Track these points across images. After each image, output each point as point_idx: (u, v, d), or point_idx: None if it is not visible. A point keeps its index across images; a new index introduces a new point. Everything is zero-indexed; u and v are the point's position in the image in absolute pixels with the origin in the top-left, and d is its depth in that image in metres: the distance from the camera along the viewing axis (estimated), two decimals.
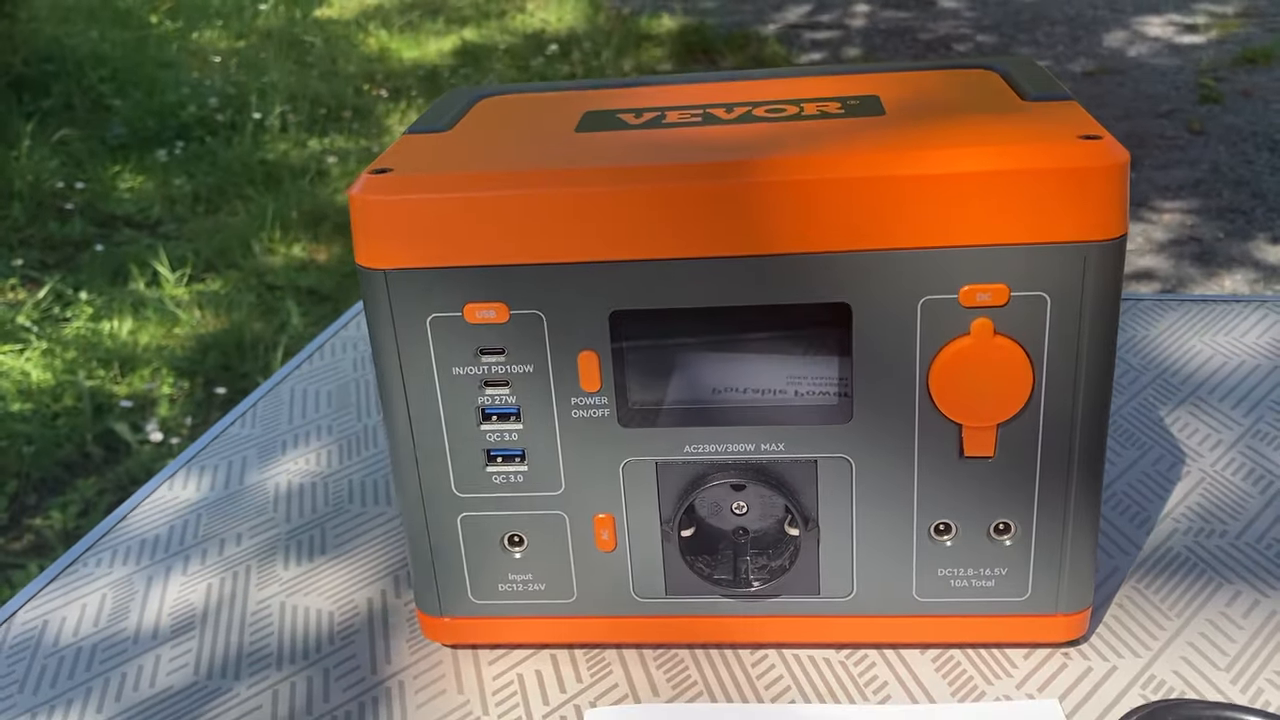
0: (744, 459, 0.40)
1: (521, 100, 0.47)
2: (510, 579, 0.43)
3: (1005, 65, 0.46)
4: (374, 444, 0.61)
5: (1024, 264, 0.36)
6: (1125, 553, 0.48)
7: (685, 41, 3.89)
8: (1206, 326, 0.67)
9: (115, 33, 3.77)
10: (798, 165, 0.36)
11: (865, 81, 0.46)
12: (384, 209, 0.38)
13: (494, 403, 0.40)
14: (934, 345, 0.38)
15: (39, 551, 1.55)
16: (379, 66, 3.66)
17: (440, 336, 0.39)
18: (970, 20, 4.04)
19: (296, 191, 2.67)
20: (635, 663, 0.44)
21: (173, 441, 1.76)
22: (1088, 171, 0.35)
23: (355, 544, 0.53)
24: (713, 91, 0.46)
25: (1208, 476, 0.53)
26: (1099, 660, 0.43)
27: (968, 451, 0.39)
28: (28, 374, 1.93)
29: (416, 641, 0.46)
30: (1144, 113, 3.03)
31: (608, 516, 0.42)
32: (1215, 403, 0.59)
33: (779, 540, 0.42)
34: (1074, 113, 0.39)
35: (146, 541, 0.54)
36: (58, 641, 0.48)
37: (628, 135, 0.41)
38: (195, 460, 0.60)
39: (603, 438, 0.40)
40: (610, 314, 0.39)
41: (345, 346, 0.71)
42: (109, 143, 2.98)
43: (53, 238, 2.50)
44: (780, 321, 0.39)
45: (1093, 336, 0.37)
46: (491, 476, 0.41)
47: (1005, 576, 0.41)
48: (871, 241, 0.37)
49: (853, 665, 0.43)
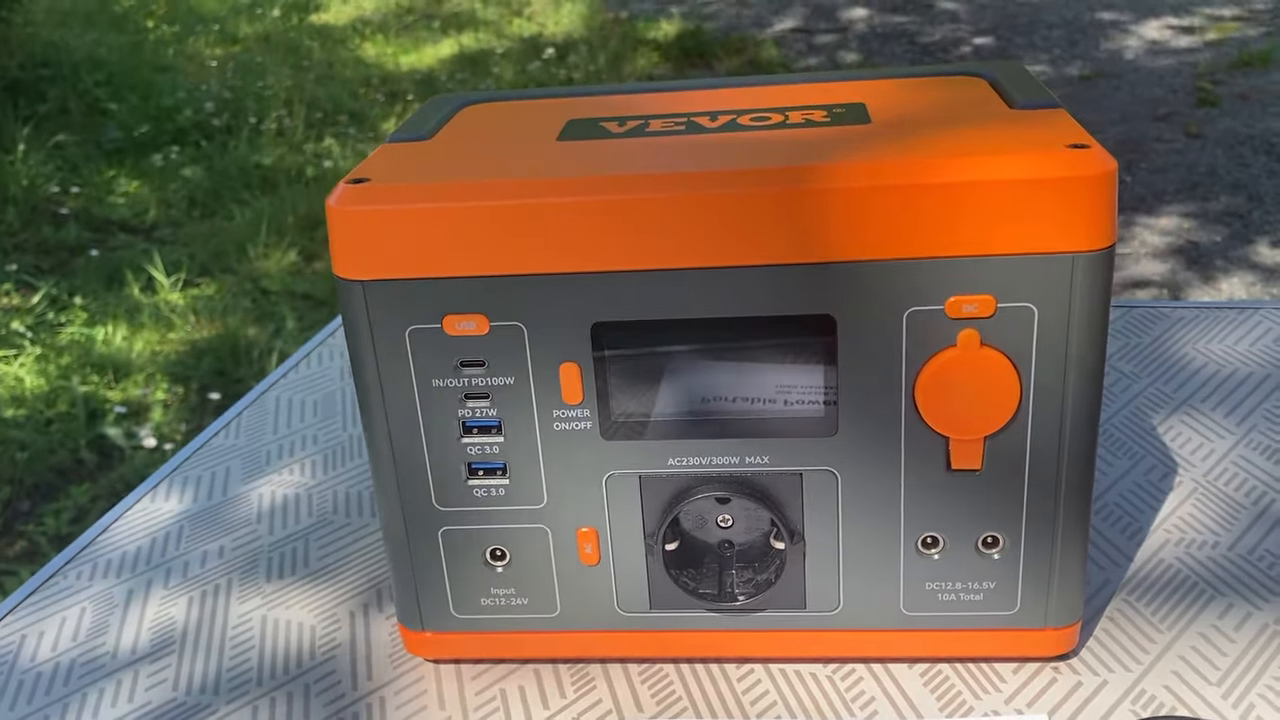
0: (729, 472, 0.40)
1: (505, 108, 0.47)
2: (493, 593, 0.42)
3: (993, 72, 0.45)
4: (359, 455, 0.60)
5: (1011, 275, 0.36)
6: (1116, 565, 0.48)
7: (682, 46, 3.88)
8: (1199, 333, 0.66)
9: (111, 37, 3.77)
10: (780, 175, 0.36)
11: (851, 89, 0.45)
12: (361, 219, 0.37)
13: (475, 415, 0.40)
14: (920, 357, 0.37)
15: (31, 558, 1.54)
16: (375, 71, 3.66)
17: (420, 348, 0.39)
18: (968, 23, 4.04)
19: (292, 196, 2.66)
20: (620, 678, 0.43)
21: (166, 447, 1.76)
22: (1075, 181, 0.35)
23: (339, 557, 0.52)
24: (698, 99, 0.46)
25: (1200, 487, 0.52)
26: (1089, 675, 0.42)
27: (955, 464, 0.39)
28: (21, 380, 1.93)
29: (399, 656, 0.45)
30: (1141, 116, 3.02)
31: (591, 530, 0.41)
32: (1208, 411, 0.59)
33: (764, 554, 0.42)
34: (1062, 121, 0.39)
35: (128, 555, 0.53)
36: (35, 656, 0.47)
37: (610, 144, 0.40)
38: (178, 471, 0.60)
39: (585, 450, 0.40)
40: (592, 325, 0.38)
41: (332, 355, 0.71)
42: (104, 147, 2.98)
43: (47, 242, 2.49)
44: (764, 333, 0.38)
45: (1081, 348, 0.37)
46: (473, 490, 0.41)
47: (994, 590, 0.41)
48: (856, 252, 0.36)
49: (839, 680, 0.43)
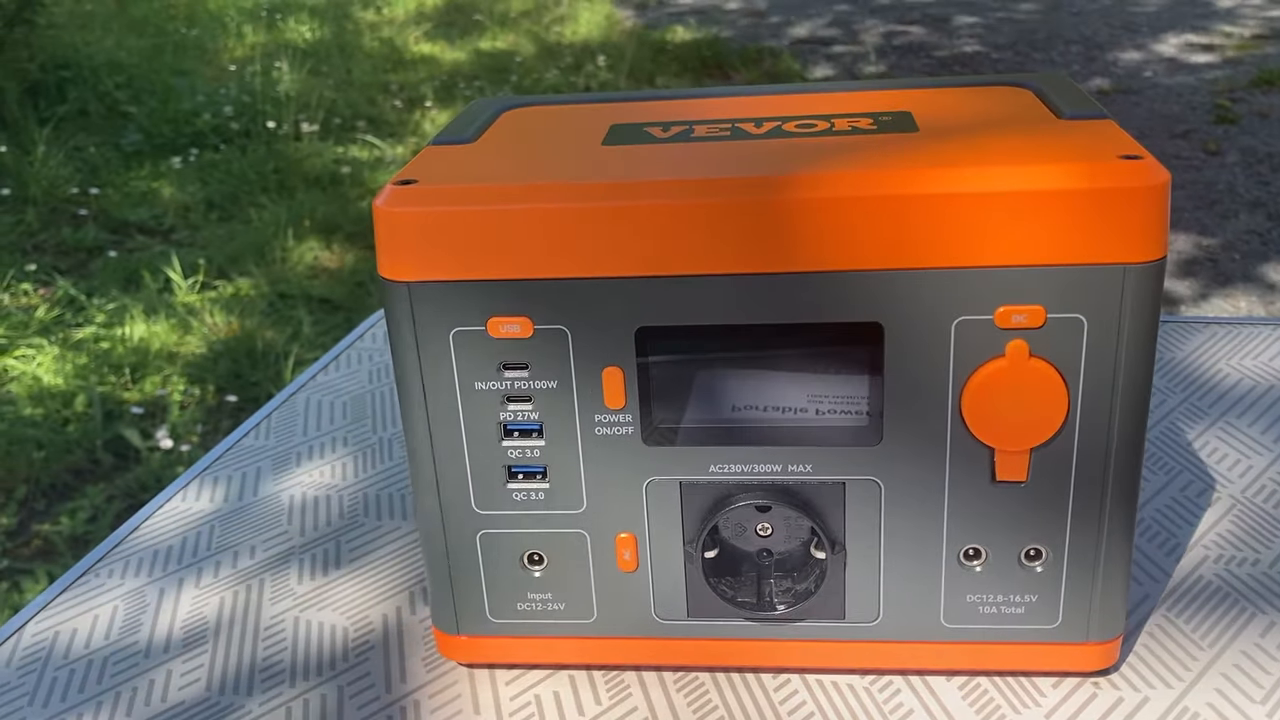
0: (770, 480, 0.40)
1: (547, 112, 0.47)
2: (529, 598, 0.42)
3: (1038, 82, 0.45)
4: (389, 457, 0.60)
5: (1061, 286, 0.36)
6: (1155, 580, 0.47)
7: (700, 56, 3.89)
8: (1234, 349, 0.66)
9: (132, 40, 3.79)
10: (830, 181, 0.36)
11: (897, 97, 0.45)
12: (409, 221, 0.37)
13: (516, 418, 0.40)
14: (968, 367, 0.37)
15: (47, 557, 1.54)
16: (395, 76, 3.67)
17: (463, 350, 0.39)
18: (985, 38, 4.03)
19: (310, 200, 2.67)
20: (655, 685, 0.43)
21: (183, 449, 1.76)
22: (1130, 192, 0.34)
23: (370, 559, 0.52)
24: (741, 105, 0.45)
25: (1238, 503, 0.52)
26: (1130, 691, 0.42)
27: (1000, 476, 0.38)
28: (39, 379, 1.93)
29: (432, 660, 0.45)
30: (1159, 133, 3.02)
31: (630, 536, 0.41)
32: (1244, 427, 0.58)
33: (804, 563, 0.41)
34: (1112, 131, 0.38)
35: (159, 553, 0.53)
36: (68, 654, 0.47)
37: (655, 149, 0.40)
38: (209, 471, 0.60)
39: (626, 456, 0.40)
40: (636, 330, 0.38)
41: (361, 358, 0.71)
42: (124, 149, 2.99)
43: (66, 243, 2.50)
44: (810, 340, 0.38)
45: (1130, 360, 0.37)
46: (512, 493, 0.41)
47: (1035, 603, 0.40)
48: (906, 260, 0.36)
49: (877, 692, 0.42)
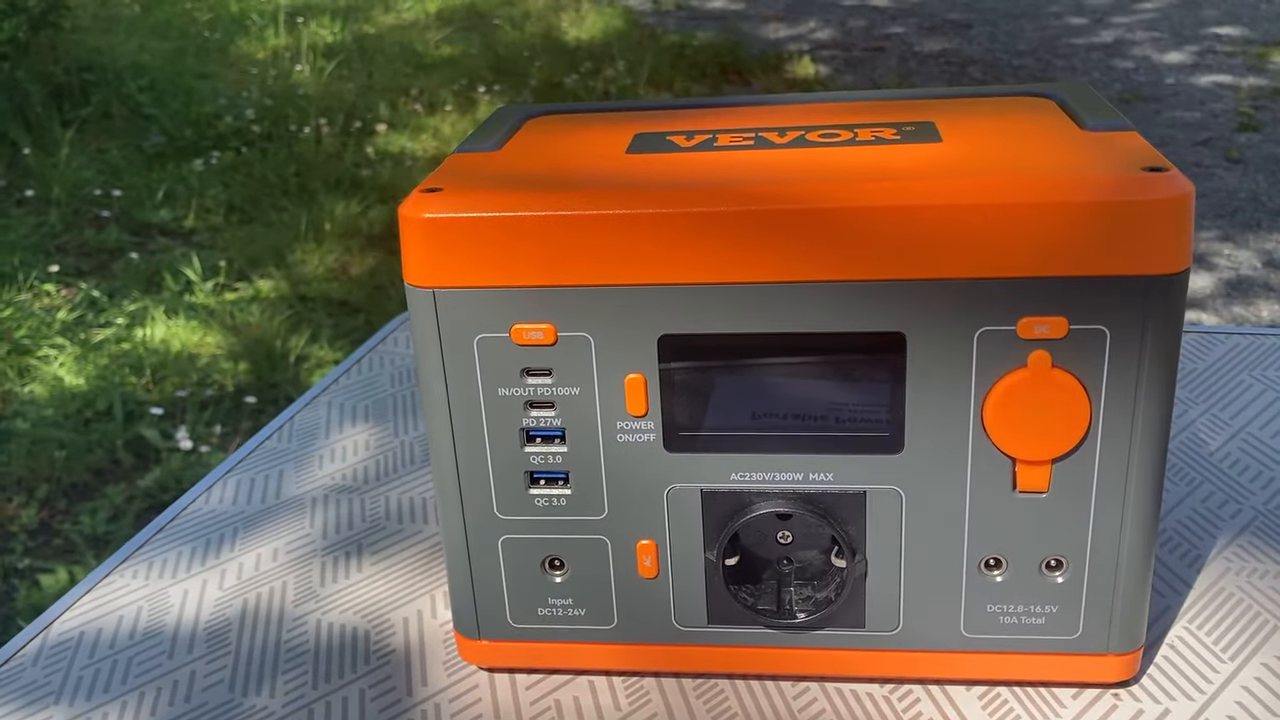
0: (791, 488, 0.40)
1: (570, 120, 0.47)
2: (550, 603, 0.42)
3: (1061, 92, 0.45)
4: (411, 461, 0.60)
5: (1084, 297, 0.36)
6: (1176, 592, 0.47)
7: (719, 62, 3.89)
8: (1257, 360, 0.65)
9: (155, 43, 3.82)
10: (854, 191, 0.36)
11: (919, 107, 0.45)
12: (435, 227, 0.38)
13: (539, 424, 0.40)
14: (990, 377, 0.37)
15: (68, 556, 1.56)
16: (414, 81, 3.68)
17: (487, 357, 0.39)
18: (1004, 45, 4.02)
19: (330, 203, 2.68)
20: (674, 692, 0.43)
21: (202, 449, 1.77)
22: (1153, 204, 0.34)
23: (392, 562, 0.52)
24: (765, 115, 0.46)
25: (1260, 515, 0.52)
26: (1150, 702, 0.41)
27: (1021, 486, 0.38)
28: (61, 379, 1.95)
29: (453, 664, 0.45)
30: (1181, 140, 3.00)
31: (650, 542, 0.41)
32: (1266, 439, 0.58)
33: (824, 571, 0.41)
34: (1135, 143, 0.38)
35: (183, 554, 0.54)
36: (93, 653, 0.47)
37: (679, 158, 0.40)
38: (232, 473, 0.60)
39: (648, 463, 0.40)
40: (659, 337, 0.38)
41: (383, 361, 0.71)
42: (146, 151, 3.01)
43: (88, 245, 2.52)
44: (832, 349, 0.38)
45: (1152, 372, 0.37)
46: (534, 499, 0.41)
47: (1056, 614, 0.40)
48: (929, 270, 0.36)
49: (897, 700, 0.42)
